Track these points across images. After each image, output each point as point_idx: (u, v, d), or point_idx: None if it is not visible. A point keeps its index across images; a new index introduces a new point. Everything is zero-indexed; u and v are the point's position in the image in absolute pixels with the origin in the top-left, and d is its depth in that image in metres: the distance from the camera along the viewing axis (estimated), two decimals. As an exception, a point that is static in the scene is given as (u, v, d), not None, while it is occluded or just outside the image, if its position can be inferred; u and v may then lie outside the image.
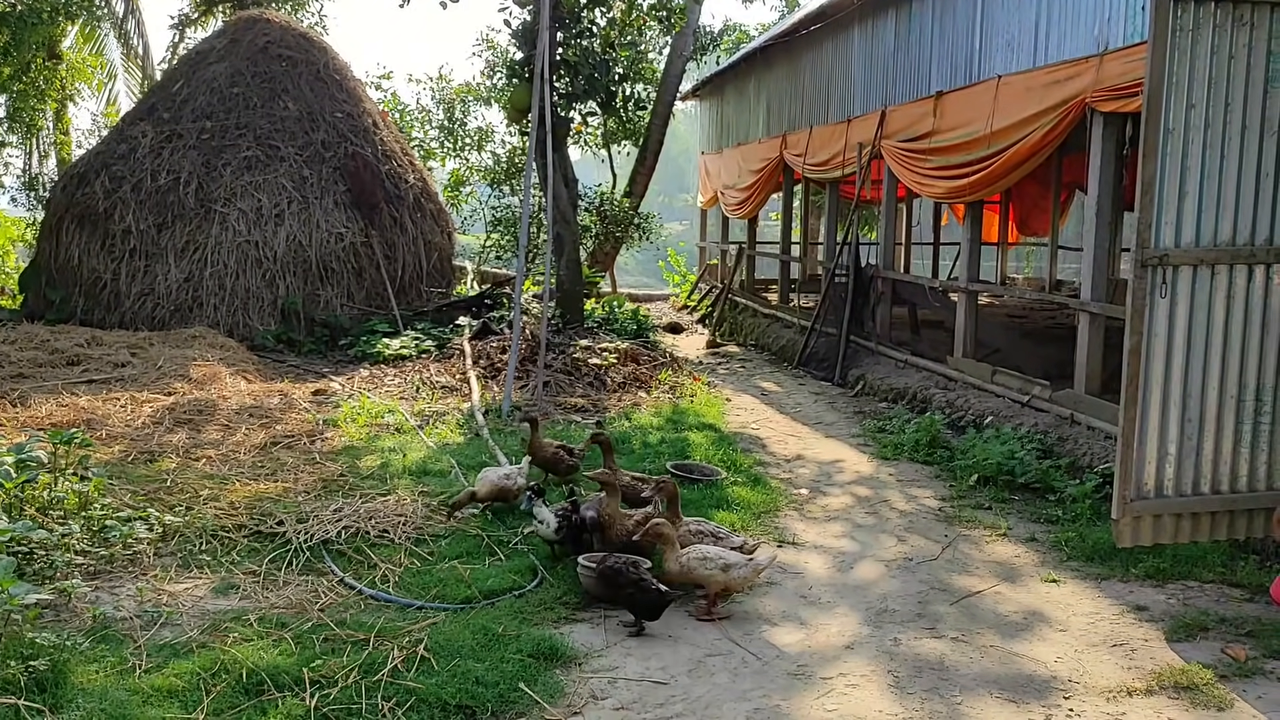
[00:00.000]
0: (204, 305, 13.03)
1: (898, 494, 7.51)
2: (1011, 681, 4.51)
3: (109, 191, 13.44)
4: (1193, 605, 5.36)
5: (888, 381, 10.97)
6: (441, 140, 24.05)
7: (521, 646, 4.61)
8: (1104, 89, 7.70)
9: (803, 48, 14.82)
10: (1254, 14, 5.13)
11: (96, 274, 13.21)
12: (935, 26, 10.83)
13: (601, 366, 11.18)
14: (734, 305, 17.30)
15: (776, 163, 15.52)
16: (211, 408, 9.00)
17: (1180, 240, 5.19)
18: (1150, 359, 5.20)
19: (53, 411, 8.47)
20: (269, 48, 14.91)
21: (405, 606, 5.12)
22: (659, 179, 26.51)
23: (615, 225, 20.54)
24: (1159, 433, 5.26)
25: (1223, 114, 5.15)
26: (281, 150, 13.94)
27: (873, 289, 12.23)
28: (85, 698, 3.97)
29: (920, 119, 10.82)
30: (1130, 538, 5.34)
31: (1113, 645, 4.89)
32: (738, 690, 4.40)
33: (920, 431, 8.68)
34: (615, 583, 5.00)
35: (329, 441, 8.27)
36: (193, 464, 7.45)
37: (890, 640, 4.94)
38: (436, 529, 6.21)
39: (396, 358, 12.03)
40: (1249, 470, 5.42)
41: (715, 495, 7.03)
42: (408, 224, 14.50)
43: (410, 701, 4.09)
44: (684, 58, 21.67)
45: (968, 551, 6.26)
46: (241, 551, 5.81)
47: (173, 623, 4.86)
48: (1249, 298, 5.32)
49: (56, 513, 5.85)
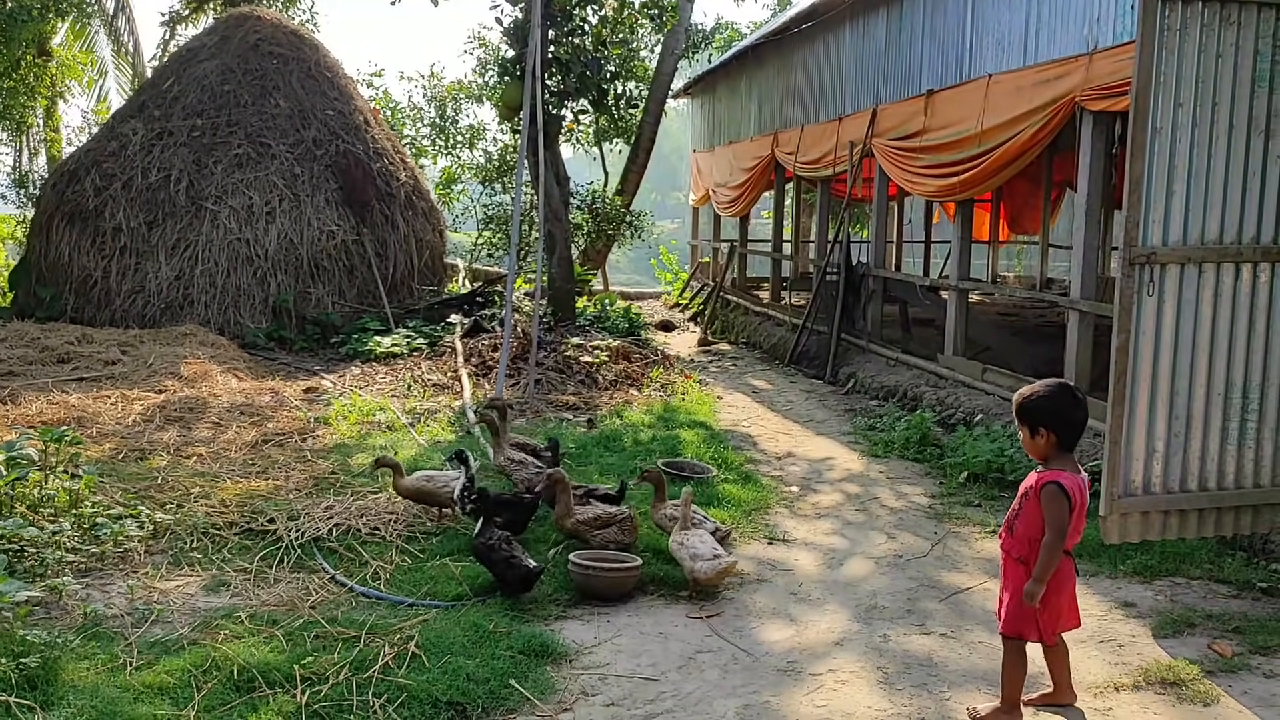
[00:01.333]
0: (195, 303, 13.02)
1: (888, 491, 7.54)
2: (999, 677, 4.53)
3: (99, 189, 13.42)
4: (1180, 602, 5.40)
5: (879, 379, 11.00)
6: (433, 138, 24.03)
7: (512, 643, 4.62)
8: (1093, 88, 7.74)
9: (794, 46, 14.85)
10: (1241, 13, 5.16)
11: (87, 272, 13.18)
12: (926, 25, 10.86)
13: (593, 364, 11.20)
14: (726, 303, 17.33)
15: (768, 161, 15.54)
16: (202, 405, 8.99)
17: (1168, 238, 5.22)
18: (1138, 357, 5.22)
19: (43, 409, 8.45)
20: (260, 45, 14.89)
21: (396, 604, 5.13)
22: (651, 177, 26.54)
23: (607, 223, 20.54)
24: (1146, 430, 5.29)
25: (1210, 113, 5.17)
26: (273, 148, 13.92)
27: (864, 287, 12.26)
28: (76, 695, 3.97)
29: (911, 117, 10.85)
30: (1118, 534, 5.37)
31: (1100, 641, 4.92)
32: (728, 686, 4.42)
33: (911, 429, 8.71)
34: (488, 558, 5.25)
35: (320, 439, 8.27)
36: (183, 462, 7.44)
37: (879, 636, 4.97)
38: (428, 526, 6.22)
39: (388, 355, 12.03)
40: (1236, 467, 5.45)
41: (706, 493, 7.05)
42: (399, 222, 14.50)
43: (401, 698, 4.10)
44: (676, 56, 21.68)
45: (957, 548, 6.29)
46: (232, 549, 5.81)
47: (164, 620, 4.86)
48: (1236, 296, 5.35)
49: (47, 510, 5.85)
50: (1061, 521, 3.91)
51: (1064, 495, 3.90)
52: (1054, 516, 3.92)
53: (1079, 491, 3.95)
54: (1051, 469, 4.00)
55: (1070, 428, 4.02)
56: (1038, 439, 4.04)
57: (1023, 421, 4.10)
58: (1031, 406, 4.05)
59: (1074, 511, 3.93)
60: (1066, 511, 3.90)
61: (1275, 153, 5.29)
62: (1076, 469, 4.03)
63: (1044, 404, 4.03)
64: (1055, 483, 3.92)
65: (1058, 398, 4.04)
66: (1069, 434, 4.03)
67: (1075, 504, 3.93)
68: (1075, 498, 3.93)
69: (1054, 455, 4.03)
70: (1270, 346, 5.40)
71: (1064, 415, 4.01)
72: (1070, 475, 3.96)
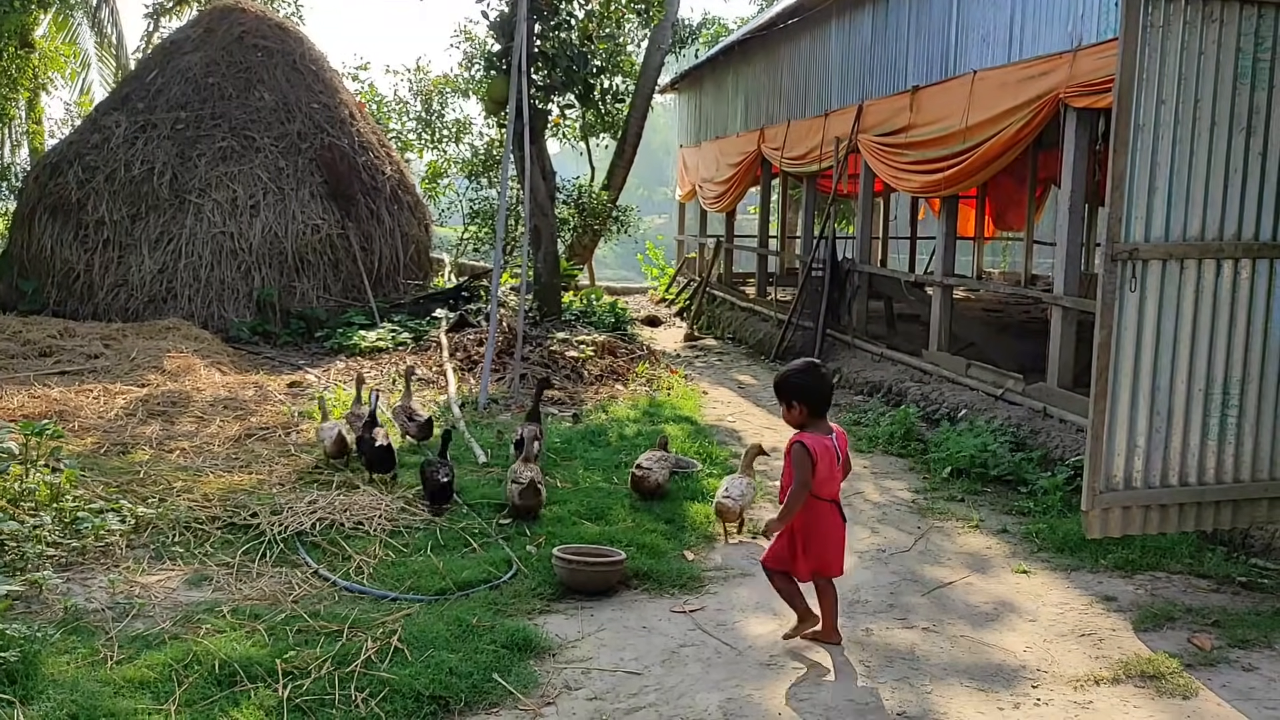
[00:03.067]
0: (178, 297, 12.95)
1: (871, 486, 7.56)
2: (981, 671, 4.56)
3: (82, 182, 13.33)
4: (1160, 596, 5.43)
5: (863, 375, 11.03)
6: (419, 132, 23.92)
7: (495, 637, 4.61)
8: (1077, 85, 7.76)
9: (780, 41, 14.85)
10: (1224, 11, 5.18)
11: (69, 265, 13.10)
12: (912, 21, 10.88)
13: (579, 359, 11.19)
14: (712, 298, 17.34)
15: (754, 156, 15.54)
16: (185, 400, 8.95)
17: (1150, 235, 5.24)
18: (1120, 353, 5.25)
19: (25, 403, 8.40)
20: (244, 37, 14.81)
21: (379, 598, 5.12)
22: (638, 172, 26.51)
23: (593, 218, 20.52)
24: (1128, 425, 5.32)
25: (1192, 110, 5.20)
26: (257, 141, 13.86)
27: (849, 283, 12.29)
28: (56, 689, 3.95)
29: (897, 113, 10.87)
30: (1099, 529, 5.40)
31: (1081, 635, 4.95)
32: (710, 680, 4.43)
33: (895, 424, 8.74)
34: (423, 474, 6.50)
35: (304, 433, 8.24)
36: (166, 456, 7.41)
37: (862, 631, 4.99)
38: (412, 521, 6.21)
39: (373, 350, 12.00)
40: (1216, 463, 5.49)
41: (691, 487, 7.06)
42: (384, 216, 14.45)
43: (384, 692, 4.09)
44: (662, 50, 21.65)
45: (940, 543, 6.31)
46: (215, 543, 5.79)
47: (145, 614, 4.84)
48: (1217, 292, 5.38)
49: (28, 504, 5.81)
50: (804, 474, 4.57)
51: (806, 452, 4.58)
52: (797, 470, 4.59)
53: (822, 449, 4.62)
54: (804, 433, 4.67)
55: (818, 398, 4.74)
56: (793, 410, 4.74)
57: (780, 397, 4.81)
58: (785, 384, 4.77)
59: (818, 464, 4.58)
60: (809, 465, 4.57)
61: (1257, 150, 5.32)
62: (829, 431, 4.73)
63: (795, 380, 4.74)
64: (799, 443, 4.61)
65: (806, 374, 4.76)
66: (818, 403, 4.74)
67: (817, 458, 4.58)
68: (817, 453, 4.59)
69: (809, 422, 4.71)
70: (1251, 343, 5.44)
71: (812, 389, 4.72)
72: (815, 436, 4.65)
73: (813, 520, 4.66)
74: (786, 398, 4.77)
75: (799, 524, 4.67)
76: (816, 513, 4.66)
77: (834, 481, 4.71)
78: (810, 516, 4.65)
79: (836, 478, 4.74)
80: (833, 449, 4.68)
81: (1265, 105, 5.29)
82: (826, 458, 4.64)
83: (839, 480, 4.77)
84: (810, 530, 4.67)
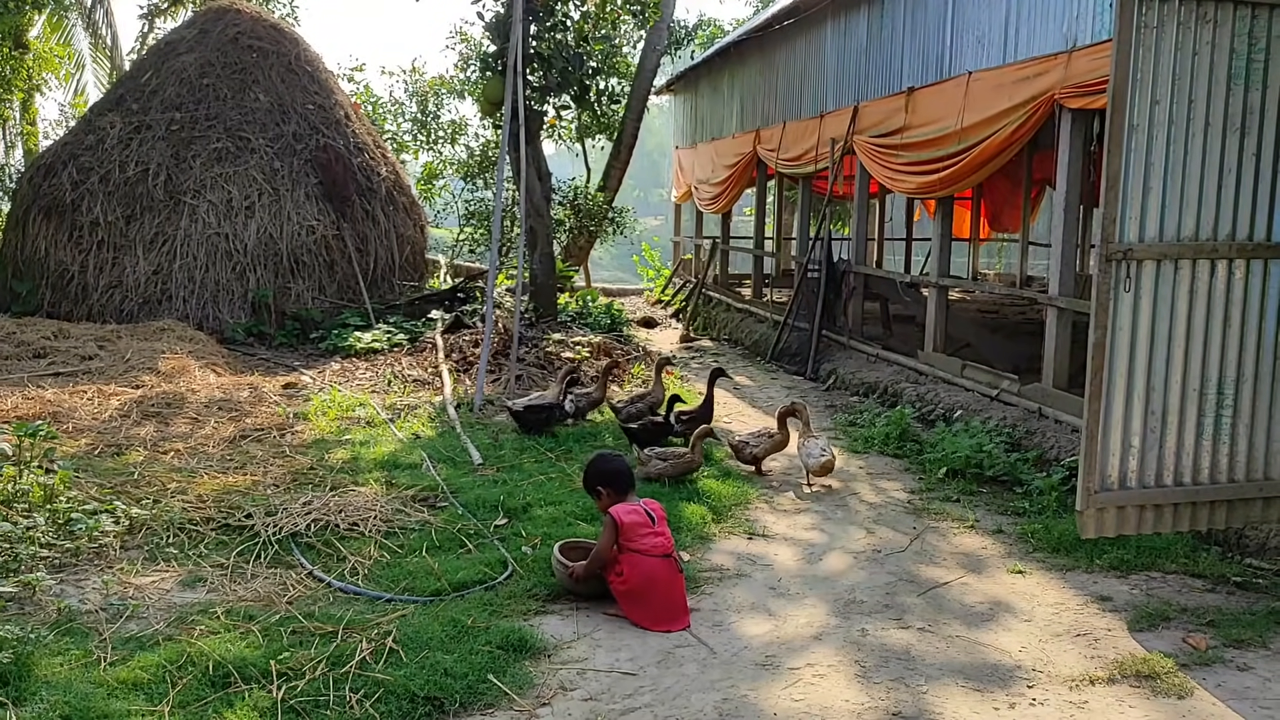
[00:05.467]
0: (173, 298, 12.92)
1: (867, 486, 7.56)
2: (976, 671, 4.56)
3: (76, 183, 13.29)
4: (1155, 595, 5.44)
5: (859, 375, 11.04)
6: (414, 133, 23.91)
7: (491, 638, 4.61)
8: (1072, 85, 7.78)
9: (776, 43, 14.86)
10: (1217, 12, 5.19)
11: (64, 266, 13.06)
12: (907, 22, 10.89)
13: (574, 361, 11.17)
14: (708, 300, 17.34)
15: (750, 158, 15.55)
16: (180, 401, 8.93)
17: (1144, 235, 5.25)
18: (1114, 353, 5.25)
19: (19, 404, 8.38)
20: (239, 38, 14.78)
21: (374, 599, 5.11)
22: (634, 173, 26.53)
23: (589, 219, 20.51)
24: (1123, 425, 5.32)
25: (1186, 110, 5.21)
26: (252, 142, 13.83)
27: (845, 284, 12.29)
28: (49, 690, 3.94)
29: (892, 114, 10.88)
30: (1094, 529, 5.40)
31: (1076, 635, 4.95)
32: (706, 681, 4.42)
33: (890, 425, 8.74)
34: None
35: (299, 435, 8.23)
36: (160, 457, 7.39)
37: (858, 631, 4.98)
38: (407, 521, 6.20)
39: (368, 351, 11.98)
40: (1211, 463, 5.49)
41: (686, 488, 7.05)
42: (380, 217, 14.43)
43: (378, 693, 4.08)
44: (658, 52, 21.65)
45: (935, 543, 6.31)
46: (209, 544, 5.78)
47: (139, 615, 4.83)
48: (1211, 292, 5.38)
49: (21, 505, 5.80)
50: (607, 539, 5.06)
51: (613, 522, 5.05)
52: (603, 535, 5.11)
53: (632, 515, 5.10)
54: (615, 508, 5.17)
55: (616, 478, 5.36)
56: (602, 498, 5.36)
57: (589, 492, 5.51)
58: (587, 480, 5.50)
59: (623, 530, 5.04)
60: (613, 533, 5.04)
61: (1251, 150, 5.33)
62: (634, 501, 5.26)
63: (591, 474, 5.46)
64: (609, 514, 5.11)
65: (596, 465, 5.47)
66: (619, 483, 5.35)
67: (624, 525, 5.04)
68: (623, 520, 5.05)
69: (618, 500, 5.26)
70: (1245, 342, 5.44)
71: (610, 473, 5.37)
72: (625, 507, 5.17)
73: (637, 574, 4.99)
74: (593, 488, 5.42)
75: (630, 581, 5.00)
76: (641, 568, 4.99)
77: (655, 537, 5.09)
78: (634, 571, 5.00)
79: (661, 533, 5.14)
80: (642, 512, 5.15)
81: (1259, 105, 5.30)
82: (635, 518, 5.10)
83: (664, 536, 5.14)
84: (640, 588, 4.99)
